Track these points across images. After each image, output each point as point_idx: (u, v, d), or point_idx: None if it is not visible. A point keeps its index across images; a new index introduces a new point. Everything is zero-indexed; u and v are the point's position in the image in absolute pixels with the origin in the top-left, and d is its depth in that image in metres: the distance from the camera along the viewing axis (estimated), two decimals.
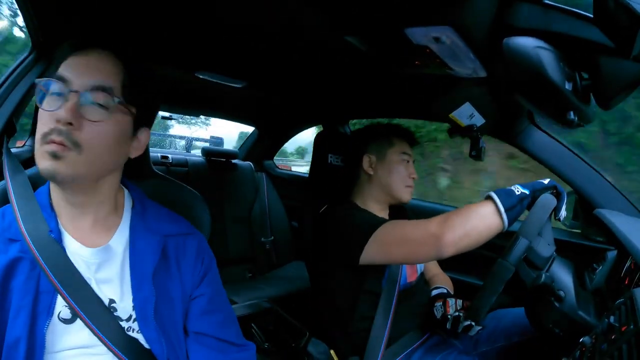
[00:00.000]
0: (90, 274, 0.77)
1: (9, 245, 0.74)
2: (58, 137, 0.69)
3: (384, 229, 1.18)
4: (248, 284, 2.43)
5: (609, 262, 1.27)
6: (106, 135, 0.74)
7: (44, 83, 0.74)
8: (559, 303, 1.05)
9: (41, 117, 0.73)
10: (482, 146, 1.43)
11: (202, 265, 0.89)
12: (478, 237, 1.07)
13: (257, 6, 0.98)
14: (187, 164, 2.58)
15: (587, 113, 0.82)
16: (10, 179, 0.86)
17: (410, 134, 1.49)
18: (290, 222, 2.85)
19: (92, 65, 0.75)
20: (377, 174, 1.43)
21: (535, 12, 0.75)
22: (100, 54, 0.76)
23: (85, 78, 0.73)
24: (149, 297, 0.79)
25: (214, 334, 0.87)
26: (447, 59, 0.94)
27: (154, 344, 0.78)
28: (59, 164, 0.70)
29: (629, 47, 0.60)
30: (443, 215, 1.11)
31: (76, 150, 0.71)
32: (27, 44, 1.20)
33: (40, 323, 0.71)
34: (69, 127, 0.70)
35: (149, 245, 0.83)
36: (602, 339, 0.73)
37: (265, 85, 1.84)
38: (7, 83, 1.16)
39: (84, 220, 0.80)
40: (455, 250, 1.07)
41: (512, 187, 1.10)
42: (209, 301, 0.88)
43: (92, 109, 0.72)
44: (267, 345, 1.77)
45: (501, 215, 1.05)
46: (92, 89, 0.73)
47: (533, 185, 1.12)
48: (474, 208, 1.09)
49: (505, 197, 1.07)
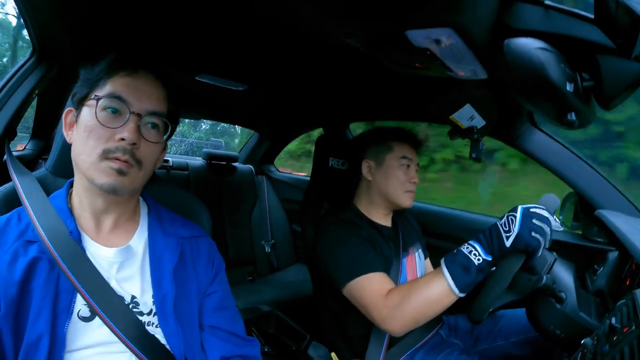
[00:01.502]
0: (111, 273, 0.82)
1: (28, 247, 0.77)
2: (124, 156, 0.77)
3: (357, 285, 1.21)
4: (248, 287, 2.43)
5: (610, 263, 1.27)
6: (156, 153, 0.86)
7: (103, 100, 0.79)
8: (560, 304, 1.05)
9: (95, 131, 0.78)
10: (482, 148, 1.43)
11: (213, 266, 0.96)
12: (428, 319, 1.10)
13: (257, 8, 0.98)
14: (188, 168, 2.58)
15: (587, 114, 0.82)
16: (18, 180, 0.88)
17: (412, 137, 1.46)
18: (291, 226, 2.85)
19: (146, 90, 0.83)
20: (375, 179, 1.42)
21: (535, 13, 0.75)
22: (149, 79, 0.84)
23: (144, 103, 0.81)
24: (168, 294, 0.84)
25: (227, 328, 0.93)
26: (447, 60, 0.94)
27: (171, 337, 0.82)
28: (124, 180, 0.78)
29: (630, 47, 0.60)
30: (398, 295, 1.12)
31: (138, 167, 0.80)
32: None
33: (60, 322, 0.74)
34: (132, 147, 0.78)
35: (167, 246, 0.89)
36: (604, 341, 0.73)
37: (266, 89, 1.84)
38: (7, 87, 1.16)
39: (105, 223, 0.86)
40: (401, 332, 1.13)
41: (472, 254, 1.04)
42: (221, 298, 0.94)
43: (150, 132, 0.83)
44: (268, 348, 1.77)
45: (456, 294, 1.04)
46: (150, 113, 0.82)
47: (500, 244, 1.02)
48: (426, 291, 1.07)
49: (460, 274, 1.03)
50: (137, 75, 0.82)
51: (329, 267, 1.29)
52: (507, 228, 1.01)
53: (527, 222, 1.00)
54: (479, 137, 1.40)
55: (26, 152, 1.65)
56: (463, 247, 1.07)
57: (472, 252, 1.04)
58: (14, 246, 0.76)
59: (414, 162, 1.43)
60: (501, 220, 1.05)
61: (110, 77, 0.81)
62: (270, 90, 1.87)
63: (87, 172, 0.78)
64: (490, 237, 1.04)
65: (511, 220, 1.02)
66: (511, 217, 1.03)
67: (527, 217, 1.00)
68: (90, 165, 0.77)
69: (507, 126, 1.51)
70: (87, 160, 0.78)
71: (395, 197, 1.40)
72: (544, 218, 1.01)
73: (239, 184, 2.71)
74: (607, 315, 0.82)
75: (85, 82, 0.82)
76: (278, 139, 2.87)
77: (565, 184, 1.50)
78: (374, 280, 1.19)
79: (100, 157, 0.77)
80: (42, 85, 1.23)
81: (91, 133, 0.78)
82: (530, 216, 1.01)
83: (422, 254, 1.55)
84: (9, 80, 1.17)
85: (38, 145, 1.68)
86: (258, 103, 2.22)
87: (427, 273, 1.18)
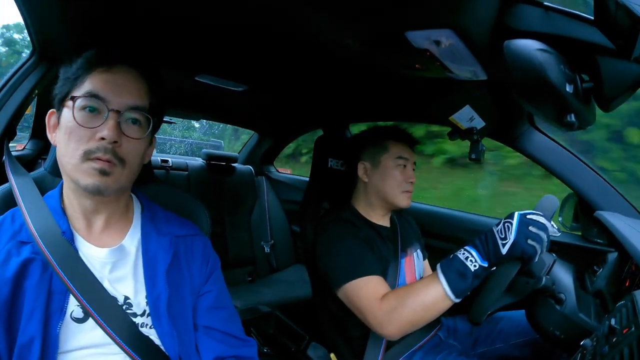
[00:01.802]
0: (104, 274, 0.80)
1: (21, 247, 0.76)
2: (105, 155, 0.75)
3: (353, 287, 1.20)
4: (248, 287, 2.43)
5: (609, 264, 1.27)
6: (140, 149, 0.83)
7: (80, 100, 0.77)
8: (560, 305, 1.05)
9: (75, 132, 0.76)
10: (481, 149, 1.43)
11: (207, 266, 0.94)
12: (424, 323, 1.10)
13: (258, 9, 0.98)
14: (187, 168, 2.58)
15: (587, 115, 0.82)
16: (14, 180, 0.88)
17: (408, 136, 1.45)
18: (290, 226, 2.85)
19: (125, 84, 0.80)
20: (371, 181, 1.42)
21: (535, 14, 0.75)
22: (128, 73, 0.81)
23: (123, 98, 0.78)
24: (162, 294, 0.83)
25: (222, 328, 0.91)
26: (447, 61, 0.94)
27: (165, 337, 0.81)
28: (107, 180, 0.76)
29: (630, 48, 0.60)
30: (394, 299, 1.12)
31: (121, 165, 0.78)
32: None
33: (53, 323, 0.73)
34: (114, 145, 0.76)
35: (161, 245, 0.87)
36: (603, 342, 0.73)
37: (266, 89, 1.84)
38: (7, 86, 1.16)
39: (96, 223, 0.84)
40: (397, 336, 1.15)
41: (469, 260, 1.04)
42: (216, 298, 0.93)
43: (131, 128, 0.80)
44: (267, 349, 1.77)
45: (452, 299, 1.05)
46: (130, 109, 0.79)
47: (496, 251, 1.01)
48: (422, 296, 1.07)
49: (456, 280, 1.03)
50: (115, 70, 0.80)
51: (327, 267, 1.29)
52: (503, 235, 1.01)
53: (524, 229, 0.99)
54: (479, 138, 1.40)
55: (26, 152, 1.65)
56: (459, 253, 1.07)
57: (469, 258, 1.04)
58: (7, 246, 0.75)
59: (411, 162, 1.43)
60: (497, 227, 1.04)
61: (89, 74, 0.78)
62: (270, 91, 1.87)
63: (71, 174, 0.77)
64: (487, 243, 1.03)
65: (507, 227, 1.01)
66: (507, 223, 1.02)
67: (523, 225, 1.00)
68: (73, 167, 0.76)
69: (506, 127, 1.51)
70: (70, 162, 0.76)
71: (392, 197, 1.39)
72: (540, 225, 1.00)
73: (238, 185, 2.71)
74: (607, 317, 0.82)
75: (65, 82, 0.81)
76: (278, 139, 2.87)
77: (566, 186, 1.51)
78: (371, 283, 1.19)
79: (82, 158, 0.75)
80: (42, 85, 1.23)
81: (72, 134, 0.76)
82: (527, 223, 1.00)
83: (421, 255, 1.55)
84: (9, 80, 1.17)
85: (38, 145, 1.68)
86: (258, 104, 2.21)
87: (424, 277, 1.17)
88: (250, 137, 2.98)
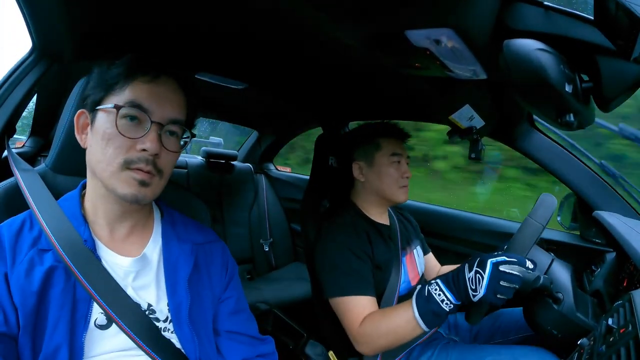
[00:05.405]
0: (128, 281, 0.80)
1: (43, 255, 0.75)
2: (147, 167, 0.76)
3: (340, 303, 1.25)
4: (246, 285, 2.43)
5: (607, 264, 1.27)
6: (175, 160, 0.84)
7: (123, 109, 0.76)
8: (558, 305, 1.05)
9: (114, 140, 0.75)
10: (481, 148, 1.43)
11: (227, 272, 0.96)
12: (396, 347, 1.16)
13: (257, 9, 0.98)
14: (187, 166, 2.58)
15: (586, 115, 0.82)
16: (20, 175, 0.87)
17: (399, 131, 1.45)
18: (289, 224, 2.85)
19: (167, 96, 0.80)
20: (368, 180, 1.42)
21: (535, 13, 0.75)
22: (170, 85, 0.81)
23: (165, 110, 0.79)
24: (183, 302, 0.84)
25: (244, 331, 0.94)
26: (447, 61, 0.94)
27: (187, 343, 0.82)
28: (146, 190, 0.77)
29: (630, 49, 0.60)
30: (370, 325, 1.17)
31: (159, 176, 0.80)
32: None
33: (78, 332, 0.73)
34: (154, 157, 0.77)
35: (182, 251, 0.88)
36: (600, 341, 0.74)
37: (266, 87, 1.84)
38: (7, 83, 1.16)
39: (119, 231, 0.84)
40: (372, 356, 1.24)
41: (444, 303, 1.04)
42: (236, 302, 0.95)
43: (170, 140, 0.81)
44: None
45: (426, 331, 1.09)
46: (171, 122, 0.80)
47: (467, 297, 1.01)
48: (396, 326, 1.11)
49: (432, 319, 1.06)
50: (159, 82, 0.79)
51: (321, 274, 1.32)
52: (474, 287, 0.99)
53: (494, 284, 0.96)
54: (478, 137, 1.40)
55: (25, 149, 1.65)
56: (435, 292, 1.06)
57: (444, 301, 1.04)
58: (29, 255, 0.74)
59: (404, 156, 1.43)
60: (469, 273, 1.01)
61: (130, 83, 0.77)
62: (269, 89, 1.87)
63: (108, 181, 0.76)
64: (459, 287, 1.03)
65: (478, 280, 0.99)
66: (479, 275, 0.99)
67: (494, 279, 0.97)
68: (110, 174, 0.75)
69: (506, 127, 1.51)
70: (107, 169, 0.75)
71: (390, 194, 1.40)
72: (512, 278, 0.97)
73: (237, 183, 2.71)
74: (604, 316, 0.82)
75: (100, 85, 0.79)
76: (277, 137, 2.87)
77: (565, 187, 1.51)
78: (358, 304, 1.22)
79: (122, 166, 0.75)
80: (42, 82, 1.22)
81: (110, 141, 0.75)
82: (498, 277, 0.97)
83: (421, 251, 1.56)
84: (8, 77, 1.16)
85: (37, 142, 1.68)
86: (257, 101, 2.21)
87: (399, 305, 1.15)
88: (250, 135, 2.98)
